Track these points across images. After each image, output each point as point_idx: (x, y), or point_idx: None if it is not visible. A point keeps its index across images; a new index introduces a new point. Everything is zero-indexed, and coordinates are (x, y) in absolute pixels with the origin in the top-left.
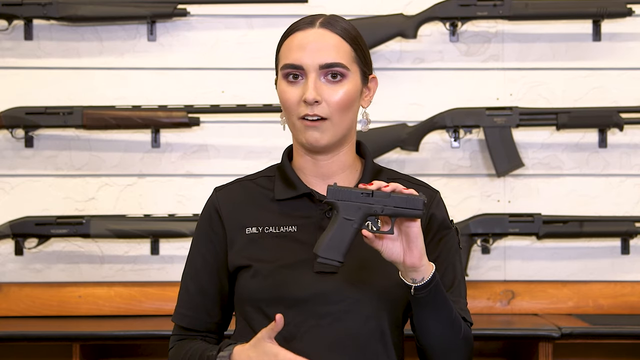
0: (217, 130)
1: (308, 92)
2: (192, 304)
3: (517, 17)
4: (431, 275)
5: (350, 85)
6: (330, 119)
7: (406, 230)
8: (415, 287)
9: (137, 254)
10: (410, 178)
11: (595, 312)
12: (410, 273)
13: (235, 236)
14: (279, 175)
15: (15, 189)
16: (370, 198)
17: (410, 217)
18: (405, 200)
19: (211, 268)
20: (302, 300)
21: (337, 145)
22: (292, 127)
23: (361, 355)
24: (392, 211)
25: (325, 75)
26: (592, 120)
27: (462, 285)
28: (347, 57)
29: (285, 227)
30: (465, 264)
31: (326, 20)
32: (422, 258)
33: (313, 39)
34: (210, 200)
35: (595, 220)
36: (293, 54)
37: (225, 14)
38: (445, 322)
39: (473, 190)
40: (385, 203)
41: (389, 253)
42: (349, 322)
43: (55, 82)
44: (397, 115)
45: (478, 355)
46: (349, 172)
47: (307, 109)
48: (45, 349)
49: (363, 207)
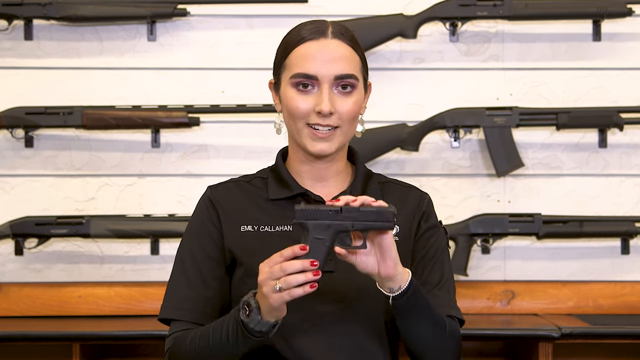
0: (217, 130)
1: (324, 104)
2: (199, 299)
3: (517, 17)
4: (408, 282)
5: (358, 96)
6: (340, 128)
7: (379, 242)
8: (393, 297)
9: (137, 254)
10: (399, 182)
11: (595, 312)
12: (386, 283)
13: (230, 232)
14: (273, 176)
15: (15, 189)
16: (339, 215)
17: (381, 229)
18: (375, 213)
19: (213, 260)
20: (300, 299)
21: (337, 152)
22: (296, 132)
23: (360, 355)
24: (363, 225)
25: (337, 86)
26: (592, 120)
27: (450, 282)
28: (357, 68)
29: (280, 227)
30: (465, 263)
31: (336, 29)
32: (397, 267)
33: (327, 49)
34: (206, 196)
35: (595, 220)
36: (306, 64)
37: (225, 14)
38: (428, 325)
39: (473, 190)
40: (355, 218)
41: (363, 266)
42: (346, 322)
43: (55, 82)
44: (397, 115)
45: (478, 355)
46: (343, 176)
47: (320, 119)
48: (45, 349)
49: (333, 224)
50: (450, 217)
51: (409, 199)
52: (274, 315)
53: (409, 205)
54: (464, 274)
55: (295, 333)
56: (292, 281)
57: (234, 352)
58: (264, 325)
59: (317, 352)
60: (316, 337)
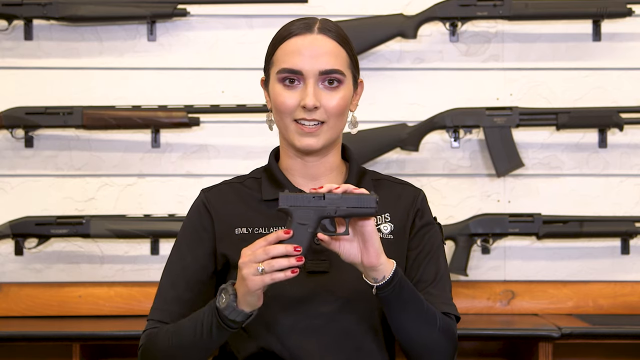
0: (217, 130)
1: (308, 98)
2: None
3: (517, 17)
4: (392, 272)
5: (345, 91)
6: (327, 123)
7: (361, 230)
8: (377, 287)
9: (137, 254)
10: (394, 178)
11: (595, 312)
12: (370, 273)
13: (224, 235)
14: (266, 176)
15: (15, 189)
16: (322, 201)
17: (363, 216)
18: (358, 199)
19: (200, 265)
20: (295, 300)
21: (327, 148)
22: (284, 129)
23: (357, 354)
24: (346, 212)
25: (322, 81)
26: (592, 120)
27: (445, 279)
28: (343, 63)
29: (274, 228)
30: (465, 263)
31: (323, 25)
32: (380, 257)
33: (312, 44)
34: (199, 200)
35: (595, 220)
36: (292, 59)
37: (225, 14)
38: (416, 317)
39: (473, 190)
40: (337, 204)
41: (346, 254)
42: (343, 321)
43: (55, 82)
44: (397, 115)
45: (478, 355)
46: (336, 174)
47: (305, 113)
48: (45, 349)
49: (316, 210)
50: (450, 217)
51: (404, 196)
52: (250, 303)
53: (403, 203)
54: (464, 274)
55: (291, 334)
56: (275, 264)
57: (206, 345)
58: (239, 314)
59: (314, 352)
60: (312, 337)
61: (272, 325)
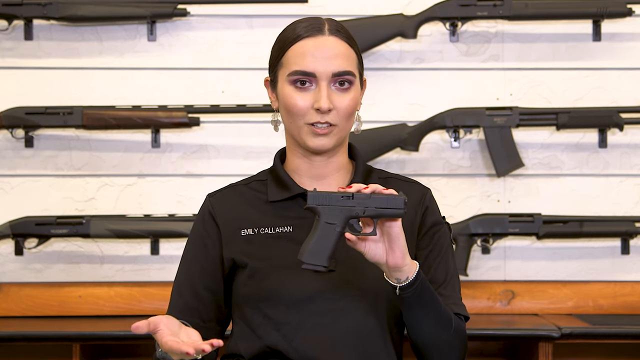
0: (217, 130)
1: (322, 100)
2: (186, 308)
3: (517, 17)
4: (415, 274)
5: (356, 92)
6: (338, 125)
7: (388, 230)
8: (400, 287)
9: (137, 254)
10: (401, 176)
11: (595, 312)
12: (394, 273)
13: (230, 237)
14: (272, 177)
15: (15, 189)
16: (350, 200)
17: (392, 217)
18: (386, 200)
19: (206, 272)
20: (301, 299)
21: (335, 147)
22: (296, 130)
23: (363, 352)
24: (374, 212)
25: (334, 82)
26: (592, 120)
27: (455, 279)
28: (354, 64)
29: (280, 228)
30: (465, 263)
31: (333, 26)
32: (405, 257)
33: (324, 46)
34: (204, 206)
35: (595, 220)
36: (304, 61)
37: (225, 14)
38: (434, 319)
39: (473, 190)
40: (366, 205)
41: (371, 254)
42: (349, 319)
43: (55, 82)
44: (397, 115)
45: (478, 355)
46: (342, 173)
47: (319, 116)
48: (45, 349)
49: (344, 210)
50: (451, 217)
51: (411, 194)
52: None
53: (411, 201)
54: (464, 274)
55: (297, 332)
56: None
57: None
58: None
59: (320, 350)
60: (319, 335)
61: (278, 324)
